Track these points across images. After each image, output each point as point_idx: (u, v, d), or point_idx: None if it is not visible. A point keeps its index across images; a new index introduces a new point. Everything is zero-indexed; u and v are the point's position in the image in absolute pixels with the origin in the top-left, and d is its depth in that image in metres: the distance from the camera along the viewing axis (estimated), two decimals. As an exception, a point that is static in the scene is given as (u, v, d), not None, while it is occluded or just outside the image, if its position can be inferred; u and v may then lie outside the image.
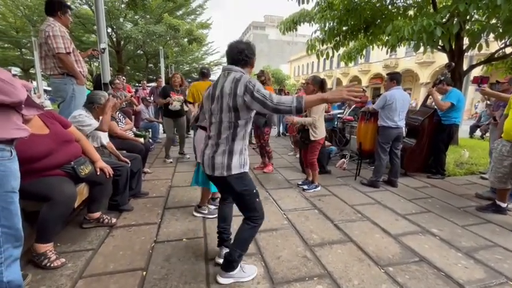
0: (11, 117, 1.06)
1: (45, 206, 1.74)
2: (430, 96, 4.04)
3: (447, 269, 1.87)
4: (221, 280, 1.68)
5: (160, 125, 6.81)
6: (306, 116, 3.25)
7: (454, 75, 5.85)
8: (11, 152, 1.09)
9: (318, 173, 3.44)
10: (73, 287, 1.59)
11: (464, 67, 6.09)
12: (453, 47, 5.65)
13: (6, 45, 18.12)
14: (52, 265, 1.73)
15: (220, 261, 1.77)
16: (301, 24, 6.79)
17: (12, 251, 1.09)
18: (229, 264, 1.66)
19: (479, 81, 3.61)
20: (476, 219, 2.70)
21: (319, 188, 3.39)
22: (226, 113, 1.48)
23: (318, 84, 3.21)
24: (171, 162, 4.61)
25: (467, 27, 5.17)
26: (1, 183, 1.03)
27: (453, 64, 4.40)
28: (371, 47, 7.06)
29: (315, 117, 3.15)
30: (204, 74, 4.27)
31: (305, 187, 3.38)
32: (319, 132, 3.24)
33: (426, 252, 2.08)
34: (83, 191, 2.10)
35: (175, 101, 4.43)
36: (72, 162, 1.97)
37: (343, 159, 4.66)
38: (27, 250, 1.80)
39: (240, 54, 1.54)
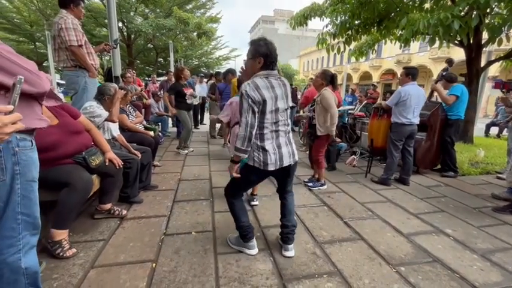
0: (34, 107, 1.08)
1: (64, 191, 1.78)
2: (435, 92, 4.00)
3: (462, 271, 1.81)
4: (292, 253, 1.92)
5: (170, 119, 6.88)
6: (314, 110, 3.19)
7: (471, 71, 5.64)
8: (32, 142, 1.11)
9: (324, 170, 3.35)
10: (85, 277, 1.62)
11: (482, 63, 5.86)
12: (471, 41, 5.43)
13: (20, 38, 18.51)
14: (65, 255, 1.76)
15: (254, 252, 1.92)
16: (312, 18, 6.65)
17: (29, 239, 1.12)
18: (295, 234, 1.96)
19: (501, 86, 3.48)
20: (493, 220, 2.61)
21: (325, 187, 3.31)
22: (288, 112, 1.79)
23: (328, 79, 3.13)
24: (186, 153, 4.67)
25: (487, 20, 4.94)
26: (23, 173, 1.05)
27: (454, 60, 4.33)
28: (383, 42, 6.87)
29: (335, 111, 3.01)
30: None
31: (310, 184, 3.32)
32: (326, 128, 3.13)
33: (439, 252, 2.02)
34: (94, 182, 2.12)
35: (193, 97, 4.70)
36: (83, 153, 2.00)
37: (353, 156, 4.58)
38: (41, 239, 1.84)
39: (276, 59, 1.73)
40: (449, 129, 3.95)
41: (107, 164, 2.17)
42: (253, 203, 2.74)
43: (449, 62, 4.15)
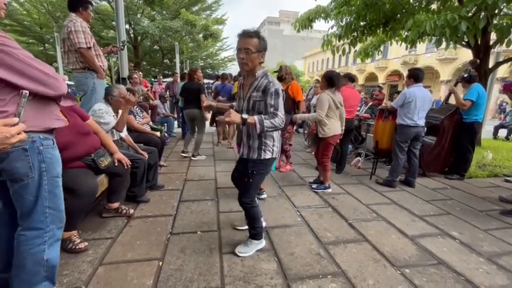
0: (52, 108, 1.15)
1: (70, 196, 1.81)
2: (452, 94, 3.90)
3: (467, 274, 1.81)
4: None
5: (175, 120, 6.95)
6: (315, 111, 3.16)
7: (479, 73, 5.56)
8: (53, 140, 1.19)
9: (329, 174, 3.27)
10: (94, 273, 1.66)
11: (490, 64, 5.78)
12: (479, 42, 5.37)
13: (30, 40, 18.92)
14: (77, 247, 1.81)
15: (265, 243, 2.05)
16: (317, 21, 6.66)
17: (55, 232, 1.20)
18: None
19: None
20: (500, 224, 2.58)
21: (329, 190, 3.26)
22: None
23: (327, 80, 3.07)
24: (204, 158, 4.56)
25: (495, 21, 4.88)
26: (49, 169, 1.13)
27: (478, 61, 4.19)
28: (389, 43, 6.84)
29: (319, 112, 2.97)
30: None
31: (314, 186, 3.31)
32: (328, 130, 3.06)
33: (445, 255, 2.01)
34: (103, 181, 2.17)
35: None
36: (92, 154, 2.04)
37: (358, 158, 4.57)
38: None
39: None
40: (465, 133, 3.84)
41: (116, 164, 2.22)
42: (263, 196, 2.92)
43: (473, 63, 3.95)
